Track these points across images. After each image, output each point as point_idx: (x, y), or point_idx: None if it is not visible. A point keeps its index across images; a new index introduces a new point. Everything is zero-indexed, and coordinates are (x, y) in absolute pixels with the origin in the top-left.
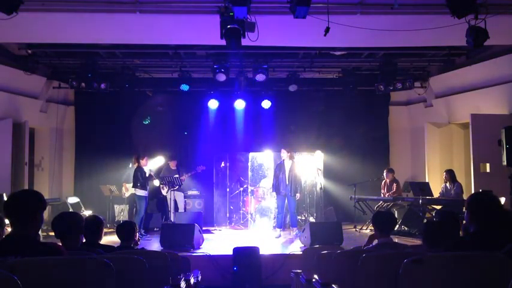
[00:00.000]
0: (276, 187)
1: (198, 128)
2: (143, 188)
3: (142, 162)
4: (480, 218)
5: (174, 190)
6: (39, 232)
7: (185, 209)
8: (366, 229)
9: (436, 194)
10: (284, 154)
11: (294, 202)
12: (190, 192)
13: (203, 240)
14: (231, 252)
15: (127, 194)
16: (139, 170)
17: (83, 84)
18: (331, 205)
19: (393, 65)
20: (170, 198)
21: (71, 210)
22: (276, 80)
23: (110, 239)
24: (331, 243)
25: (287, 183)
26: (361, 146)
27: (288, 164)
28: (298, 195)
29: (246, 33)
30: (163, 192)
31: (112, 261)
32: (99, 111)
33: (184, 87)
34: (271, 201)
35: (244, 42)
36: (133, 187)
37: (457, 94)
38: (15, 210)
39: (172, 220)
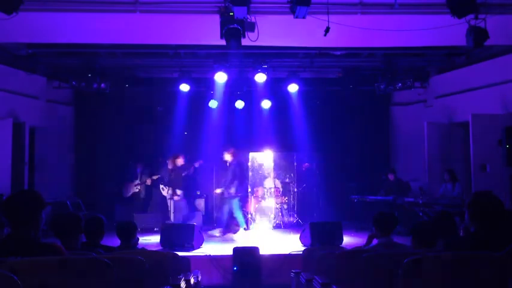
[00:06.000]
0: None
1: (198, 128)
2: (183, 189)
3: (178, 161)
4: (480, 218)
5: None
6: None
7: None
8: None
9: (436, 194)
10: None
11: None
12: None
13: (203, 240)
14: (231, 252)
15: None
16: (175, 170)
17: (83, 84)
18: (331, 205)
19: (393, 65)
20: (170, 199)
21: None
22: (276, 80)
23: (110, 239)
24: (331, 243)
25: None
26: (361, 146)
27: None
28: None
29: (246, 33)
30: (163, 192)
31: (112, 261)
32: (99, 111)
33: (184, 87)
34: (271, 201)
35: (244, 42)
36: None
37: (457, 94)
38: (14, 211)
39: (172, 220)
